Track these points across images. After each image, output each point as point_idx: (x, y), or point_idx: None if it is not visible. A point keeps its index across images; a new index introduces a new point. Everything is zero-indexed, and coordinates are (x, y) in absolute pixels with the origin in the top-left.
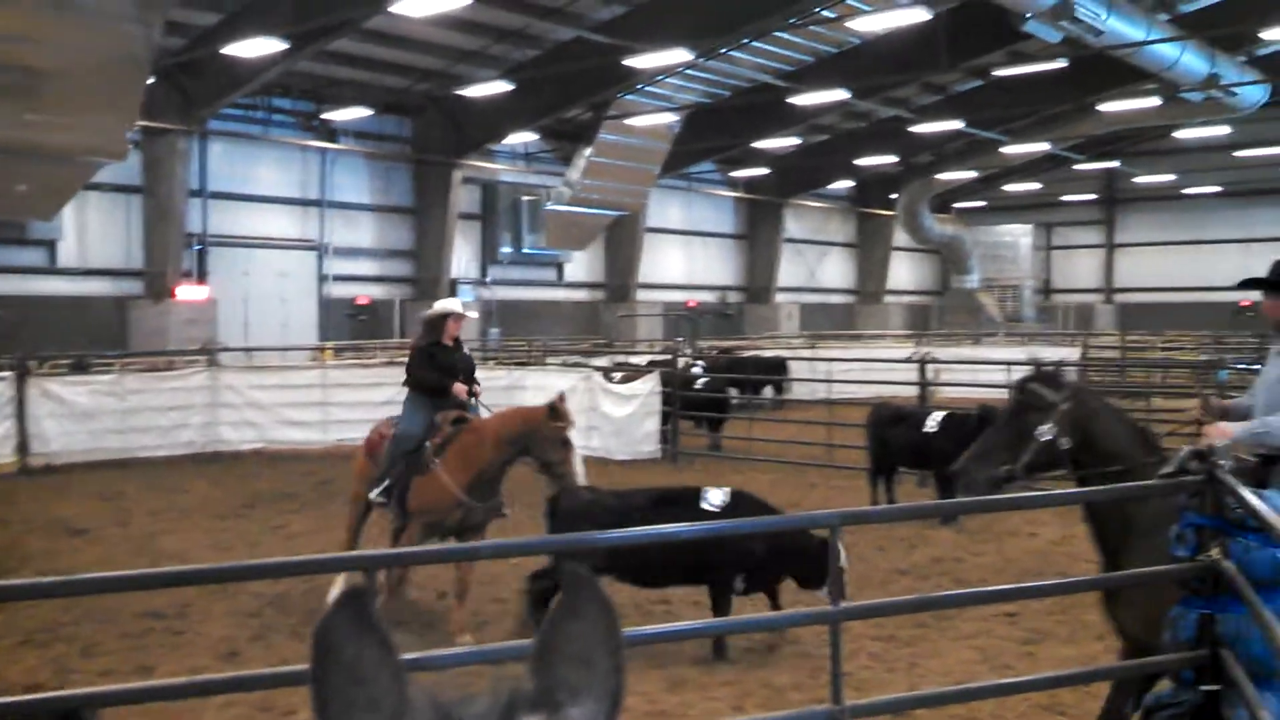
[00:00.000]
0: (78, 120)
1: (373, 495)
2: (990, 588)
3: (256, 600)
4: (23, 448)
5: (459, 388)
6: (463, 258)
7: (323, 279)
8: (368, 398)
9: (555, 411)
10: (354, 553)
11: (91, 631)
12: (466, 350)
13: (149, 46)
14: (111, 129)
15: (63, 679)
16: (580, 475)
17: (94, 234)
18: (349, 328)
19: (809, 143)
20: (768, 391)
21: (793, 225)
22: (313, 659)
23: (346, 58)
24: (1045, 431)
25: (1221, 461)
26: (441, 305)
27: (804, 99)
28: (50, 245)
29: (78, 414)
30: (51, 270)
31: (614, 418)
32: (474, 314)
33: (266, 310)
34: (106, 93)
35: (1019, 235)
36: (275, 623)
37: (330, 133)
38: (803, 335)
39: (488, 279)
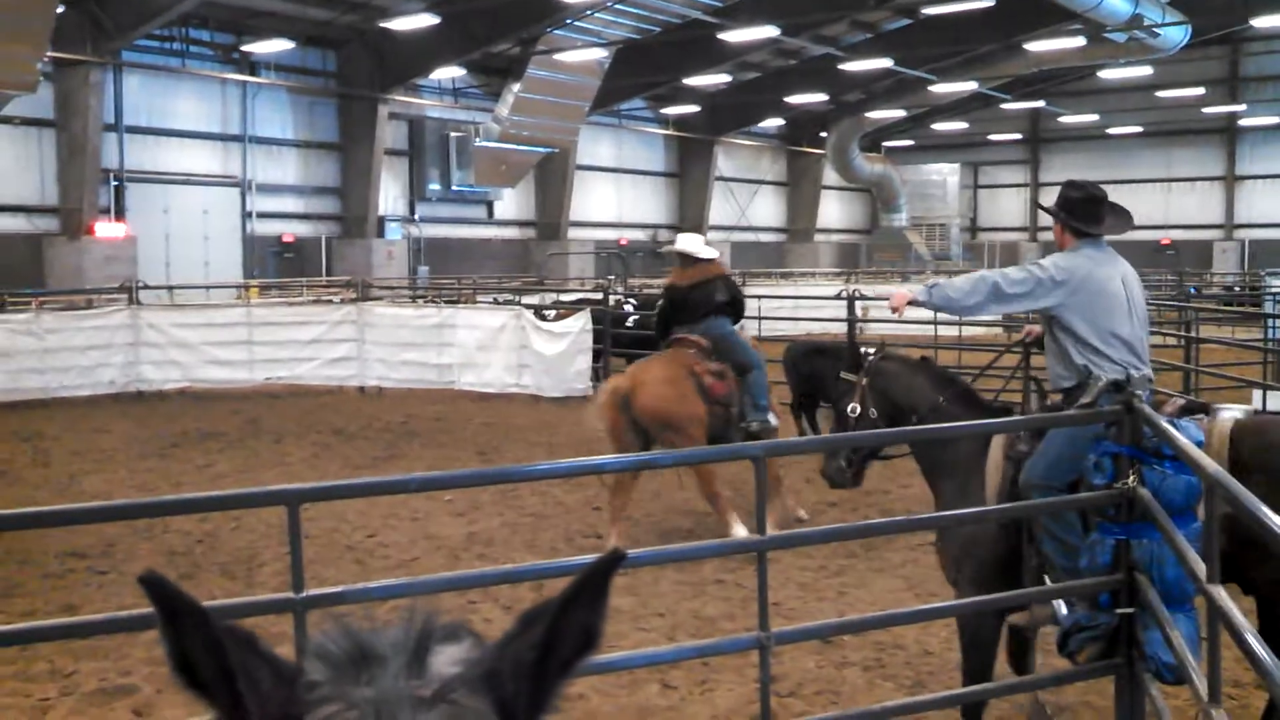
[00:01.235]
0: None
1: None
2: (913, 517)
3: (184, 539)
4: None
5: None
6: (390, 195)
7: (246, 216)
8: (295, 336)
9: None
10: (275, 487)
11: (11, 572)
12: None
13: None
14: (20, 59)
15: None
16: None
17: (5, 169)
18: (274, 265)
19: (740, 80)
20: None
21: (724, 163)
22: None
23: None
24: (853, 411)
25: (1138, 393)
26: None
27: (734, 35)
28: None
29: None
30: None
31: (545, 355)
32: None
33: (188, 248)
34: (13, 22)
35: (946, 174)
36: (204, 561)
37: (252, 66)
38: (733, 273)
39: (416, 217)
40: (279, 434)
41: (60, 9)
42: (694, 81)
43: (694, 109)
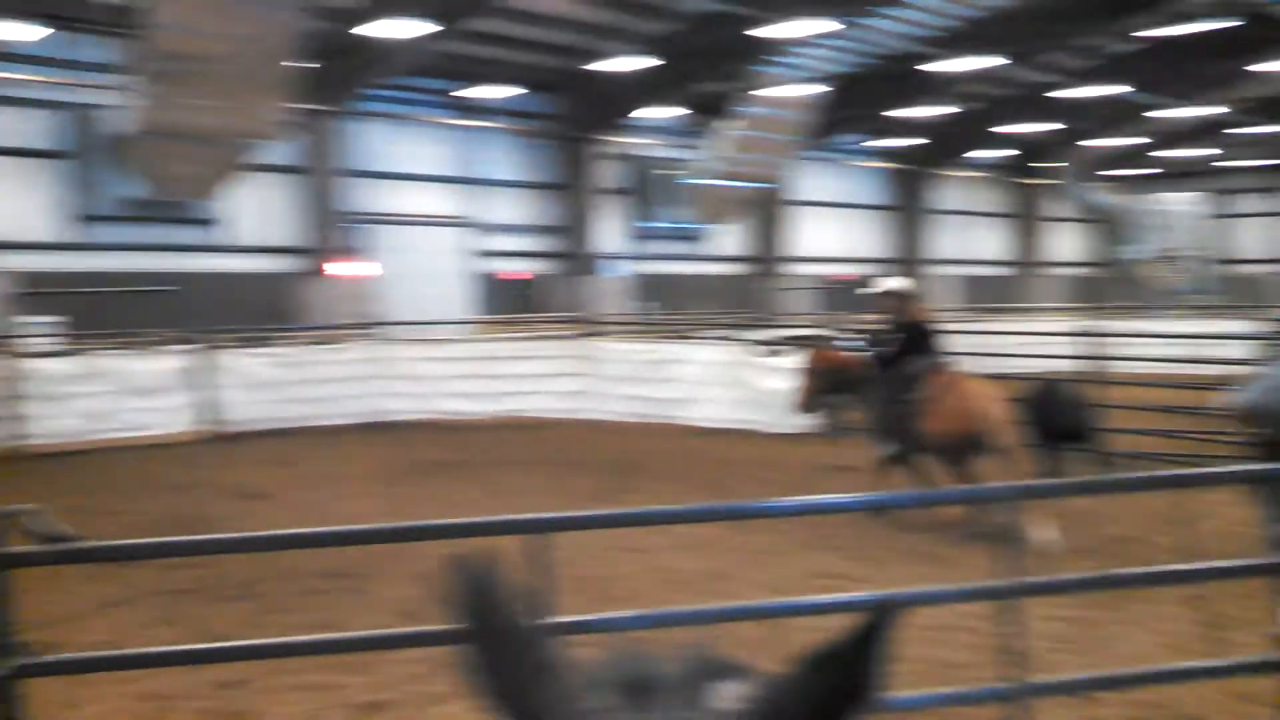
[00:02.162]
0: (235, 104)
1: None
2: (1174, 567)
3: (429, 563)
4: (206, 416)
5: None
6: (610, 232)
7: (475, 255)
8: (523, 370)
9: None
10: (524, 516)
11: (279, 589)
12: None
13: (300, 32)
14: (267, 112)
15: (257, 632)
16: None
17: (260, 214)
18: (502, 302)
19: (960, 110)
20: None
21: (944, 195)
22: (465, 630)
23: (491, 37)
24: None
25: None
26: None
27: (952, 66)
28: (219, 224)
29: (255, 385)
30: (222, 248)
31: (768, 390)
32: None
33: (422, 286)
34: (262, 77)
35: (1186, 203)
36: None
37: (478, 111)
38: (958, 308)
39: (635, 253)
40: (511, 465)
41: (307, 65)
42: (911, 113)
43: (913, 141)
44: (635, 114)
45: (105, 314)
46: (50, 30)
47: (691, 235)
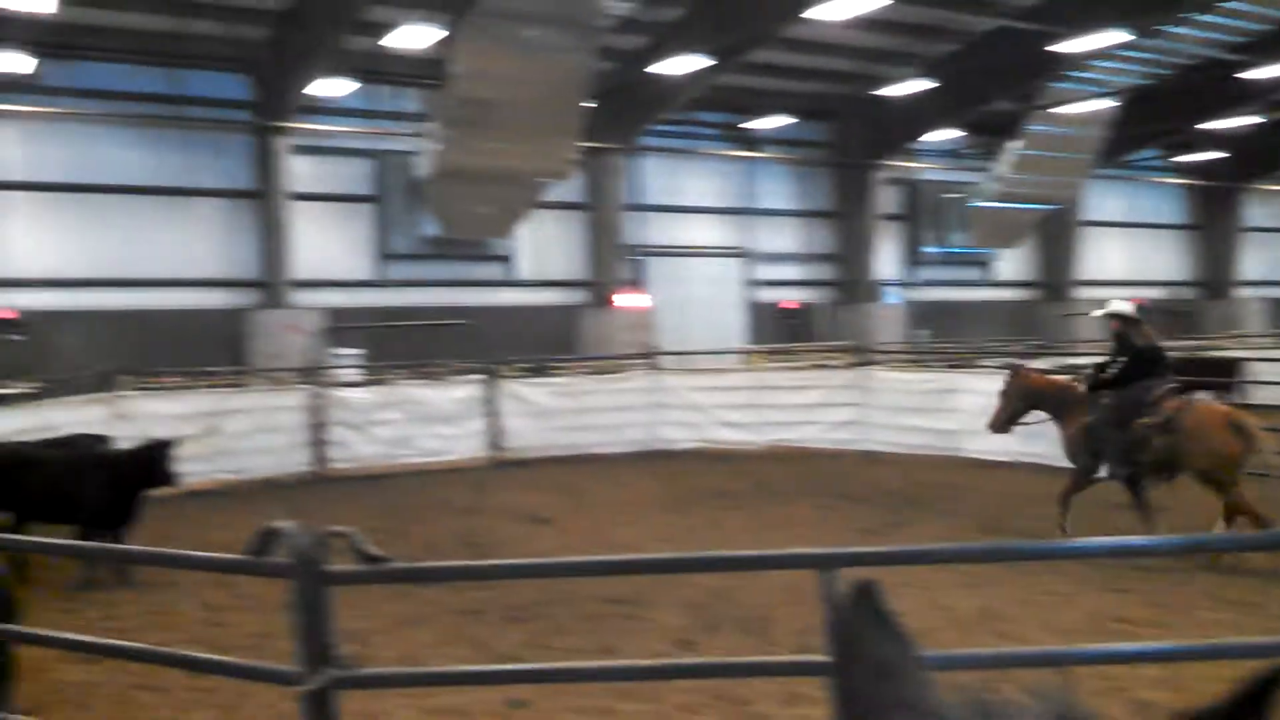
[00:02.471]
0: (527, 145)
1: None
2: None
3: (703, 592)
4: (494, 443)
5: None
6: (887, 259)
7: (750, 284)
8: (798, 400)
9: None
10: (809, 550)
11: (560, 612)
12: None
13: (587, 74)
14: (557, 152)
15: (539, 654)
16: None
17: (545, 249)
18: (776, 331)
19: (1269, 121)
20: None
21: (1254, 212)
22: (835, 653)
23: (767, 68)
24: None
25: None
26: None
27: (1261, 73)
28: (508, 260)
29: (538, 413)
30: (510, 283)
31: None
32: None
33: (698, 315)
34: (551, 119)
35: None
36: (723, 615)
37: (752, 142)
38: (1266, 334)
39: (913, 280)
40: (784, 495)
41: (589, 104)
42: (1215, 125)
43: (1216, 155)
44: (914, 138)
45: (404, 346)
46: (357, 84)
47: (972, 260)
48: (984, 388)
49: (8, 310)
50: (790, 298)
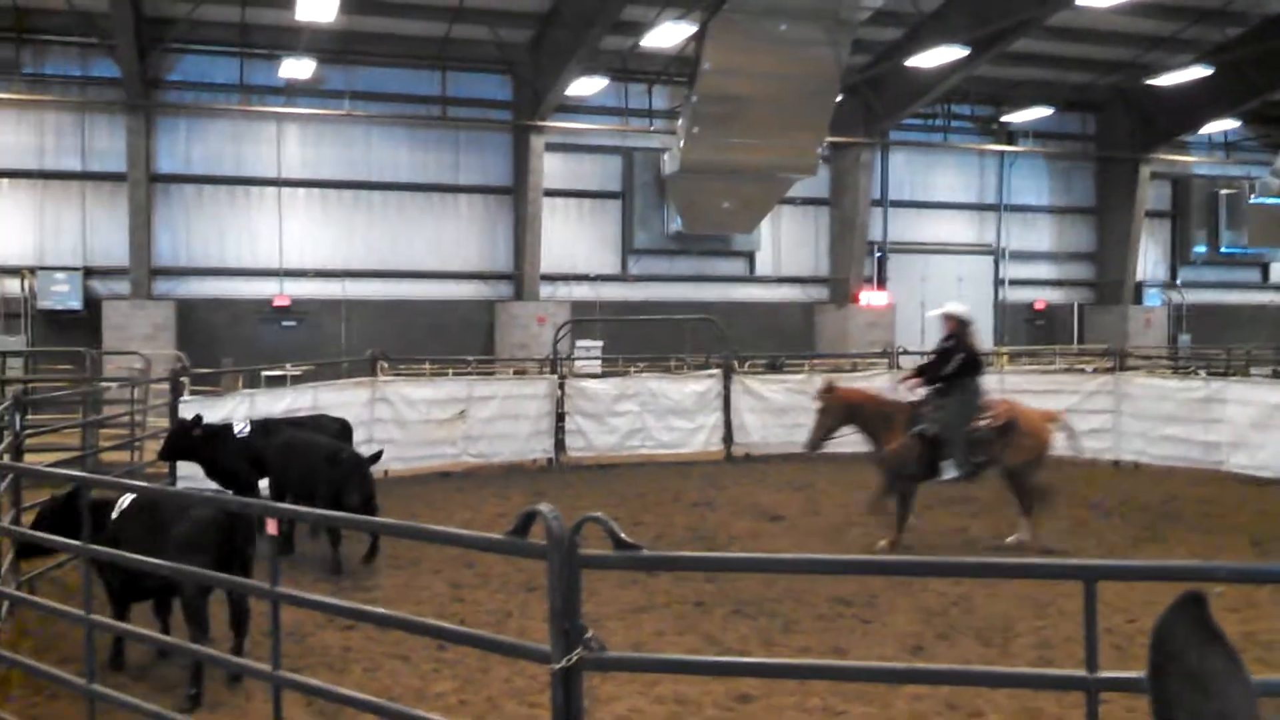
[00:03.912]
0: (774, 140)
1: None
2: None
3: (940, 599)
4: (728, 438)
5: None
6: (1150, 259)
7: (999, 283)
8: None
9: None
10: (1071, 562)
11: (789, 609)
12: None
13: (839, 67)
14: (804, 146)
15: (765, 649)
16: None
17: (786, 245)
18: (1025, 332)
19: None
20: None
21: None
22: (1152, 661)
23: (1026, 58)
24: None
25: None
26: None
27: None
28: (749, 256)
29: (773, 409)
30: (750, 279)
31: None
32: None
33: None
34: (800, 113)
35: None
36: (959, 623)
37: (1009, 135)
38: None
39: (1177, 281)
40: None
41: (838, 98)
42: None
43: None
44: (1185, 130)
45: (645, 339)
46: (607, 82)
47: (1247, 261)
48: (1256, 398)
49: (283, 298)
50: (1041, 298)
